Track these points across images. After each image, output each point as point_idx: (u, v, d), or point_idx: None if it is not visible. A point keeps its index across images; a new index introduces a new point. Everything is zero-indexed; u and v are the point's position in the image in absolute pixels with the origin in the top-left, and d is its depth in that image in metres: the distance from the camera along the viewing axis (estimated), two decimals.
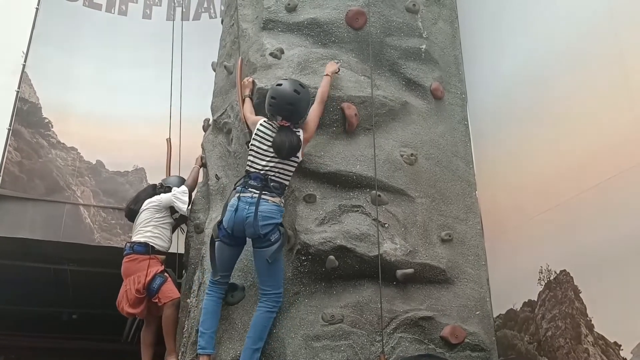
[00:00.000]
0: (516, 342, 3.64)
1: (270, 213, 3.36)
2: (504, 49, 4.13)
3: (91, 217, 6.60)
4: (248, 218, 3.33)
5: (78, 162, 6.74)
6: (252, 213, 3.32)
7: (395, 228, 3.71)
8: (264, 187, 3.39)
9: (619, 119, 3.01)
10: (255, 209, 3.32)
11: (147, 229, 4.38)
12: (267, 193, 3.40)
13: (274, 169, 3.45)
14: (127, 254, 4.35)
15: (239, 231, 3.39)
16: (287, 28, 4.10)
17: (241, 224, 3.36)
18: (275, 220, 3.38)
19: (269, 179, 3.42)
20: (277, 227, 3.39)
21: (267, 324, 3.37)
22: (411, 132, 4.08)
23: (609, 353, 2.91)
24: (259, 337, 3.33)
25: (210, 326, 3.46)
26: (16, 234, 6.18)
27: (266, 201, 3.38)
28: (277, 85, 3.53)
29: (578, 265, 3.20)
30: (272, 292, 3.39)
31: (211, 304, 3.50)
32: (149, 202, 4.52)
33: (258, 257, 3.42)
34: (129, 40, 7.29)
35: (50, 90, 6.83)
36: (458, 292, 3.76)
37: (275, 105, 3.48)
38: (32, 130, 6.66)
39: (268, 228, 3.34)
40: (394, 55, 4.22)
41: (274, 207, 3.40)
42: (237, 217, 3.36)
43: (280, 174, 3.47)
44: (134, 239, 4.40)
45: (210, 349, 3.43)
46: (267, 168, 3.44)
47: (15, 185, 6.34)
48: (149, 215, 4.44)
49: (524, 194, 3.74)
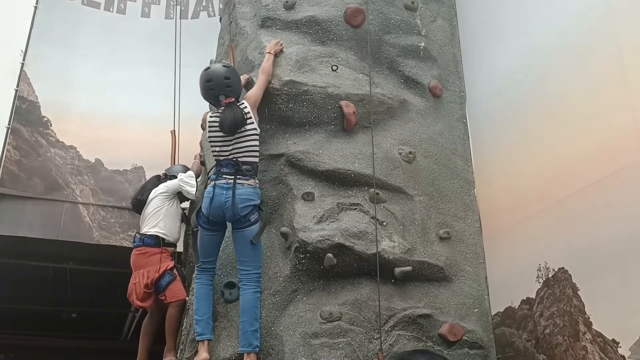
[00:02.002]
0: (514, 340, 3.64)
1: (248, 195, 3.45)
2: (502, 47, 4.13)
3: (90, 216, 6.61)
4: (227, 203, 3.42)
5: (77, 160, 6.75)
6: (230, 197, 3.41)
7: (394, 226, 3.71)
8: (237, 172, 3.49)
9: (617, 117, 3.01)
10: (233, 193, 3.42)
11: (157, 219, 4.32)
12: (242, 177, 3.49)
13: (240, 151, 3.53)
14: (136, 245, 4.30)
15: (217, 217, 3.48)
16: (285, 26, 4.10)
17: (219, 209, 3.45)
18: (253, 202, 3.47)
19: (239, 163, 3.51)
20: (255, 208, 3.47)
21: (257, 304, 3.40)
22: (410, 130, 4.08)
23: (607, 350, 2.91)
24: (254, 319, 3.36)
25: (204, 312, 3.50)
26: (15, 232, 6.20)
27: (242, 185, 3.47)
28: (205, 70, 3.63)
29: (576, 263, 3.20)
30: (253, 272, 3.43)
31: (201, 291, 3.55)
32: (156, 191, 4.45)
33: (239, 239, 3.48)
34: (128, 39, 7.30)
35: (49, 88, 6.85)
36: (456, 289, 3.76)
37: (214, 87, 3.57)
38: (31, 129, 6.67)
39: (247, 210, 3.43)
40: (393, 53, 4.21)
41: (250, 189, 3.49)
42: (214, 203, 3.45)
43: (247, 152, 3.54)
44: (143, 231, 4.34)
45: (208, 334, 3.47)
46: (234, 152, 3.53)
47: (14, 183, 6.35)
48: (159, 204, 4.37)
49: (522, 192, 3.74)
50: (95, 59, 7.10)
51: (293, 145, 3.80)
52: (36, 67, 6.85)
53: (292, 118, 3.84)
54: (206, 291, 3.55)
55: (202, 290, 3.55)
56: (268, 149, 3.84)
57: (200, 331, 3.47)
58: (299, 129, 3.85)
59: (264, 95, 3.78)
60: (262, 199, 3.64)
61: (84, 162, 6.78)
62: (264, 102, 3.81)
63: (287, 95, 3.80)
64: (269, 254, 3.67)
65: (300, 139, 3.82)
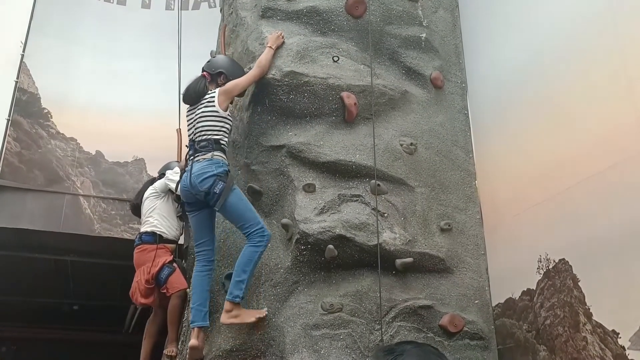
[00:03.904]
0: (515, 331, 3.65)
1: (201, 170, 3.47)
2: (504, 38, 4.11)
3: (91, 208, 6.61)
4: (191, 184, 3.48)
5: (77, 152, 6.75)
6: (189, 178, 3.49)
7: (395, 217, 3.71)
8: (195, 152, 3.56)
9: (618, 108, 3.00)
10: (189, 173, 3.49)
11: (152, 218, 4.40)
12: (199, 154, 3.54)
13: (197, 130, 3.60)
14: (136, 244, 4.38)
15: (189, 197, 3.57)
16: (286, 16, 4.08)
17: (186, 191, 3.54)
18: (209, 173, 3.45)
19: (196, 142, 3.58)
20: (215, 178, 3.45)
21: (252, 257, 3.38)
22: (411, 122, 4.06)
23: (607, 341, 2.92)
24: (242, 270, 3.36)
25: (195, 300, 3.54)
26: (16, 224, 6.20)
27: (198, 162, 3.52)
28: None
29: (577, 254, 3.20)
30: (254, 228, 3.42)
31: (195, 278, 3.61)
32: (148, 192, 4.56)
33: (222, 212, 3.55)
34: (128, 30, 7.27)
35: (49, 80, 6.83)
36: (457, 281, 3.77)
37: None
38: (31, 121, 6.66)
39: (207, 183, 3.43)
40: (394, 44, 4.19)
41: (205, 162, 3.50)
42: (182, 185, 3.59)
43: (204, 131, 3.58)
44: (141, 230, 4.43)
45: (199, 322, 3.48)
46: (194, 132, 3.63)
47: (15, 175, 6.35)
48: (151, 204, 4.46)
49: (524, 183, 3.73)
50: (96, 50, 7.07)
51: (294, 137, 3.79)
52: (36, 58, 6.82)
53: (293, 109, 3.83)
54: (199, 278, 3.58)
55: (196, 277, 3.60)
56: (269, 140, 3.84)
57: (192, 319, 3.52)
58: (300, 120, 3.84)
59: (264, 87, 3.77)
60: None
61: (84, 154, 6.77)
62: (265, 93, 3.80)
63: (288, 86, 3.79)
64: (270, 246, 3.66)
65: (301, 131, 3.81)
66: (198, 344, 3.44)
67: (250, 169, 3.94)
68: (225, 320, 3.34)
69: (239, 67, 3.86)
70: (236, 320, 3.34)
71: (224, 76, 3.75)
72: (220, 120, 3.61)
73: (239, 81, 3.69)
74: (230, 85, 3.67)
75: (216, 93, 3.64)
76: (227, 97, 3.65)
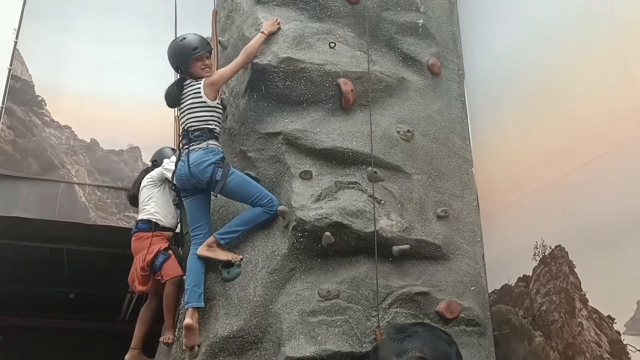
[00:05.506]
0: (511, 317, 3.67)
1: (198, 159, 3.56)
2: (501, 25, 4.09)
3: (86, 196, 6.58)
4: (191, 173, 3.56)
5: (72, 140, 6.69)
6: (186, 167, 3.57)
7: (392, 204, 3.70)
8: (189, 141, 3.63)
9: (614, 95, 3.00)
10: (187, 163, 3.56)
11: (148, 206, 4.40)
12: (193, 144, 3.61)
13: (189, 121, 3.67)
14: (133, 232, 4.39)
15: (185, 184, 3.68)
16: (282, 2, 4.03)
17: (183, 179, 3.63)
18: (208, 162, 3.56)
19: (190, 132, 3.65)
20: (214, 165, 3.56)
21: (256, 218, 3.60)
22: (408, 109, 4.05)
23: (602, 326, 2.94)
24: (243, 223, 3.61)
25: (190, 281, 3.61)
26: (10, 213, 6.16)
27: (194, 151, 3.59)
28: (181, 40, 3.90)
29: (573, 241, 3.21)
30: (265, 199, 3.59)
31: (191, 261, 3.66)
32: (145, 180, 4.54)
33: (228, 196, 3.69)
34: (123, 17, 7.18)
35: (43, 67, 6.75)
36: (453, 267, 3.78)
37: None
38: (25, 109, 6.59)
39: (207, 172, 3.54)
40: (391, 30, 4.17)
41: (201, 152, 3.59)
42: (178, 174, 3.67)
43: (196, 121, 3.65)
44: (138, 218, 4.45)
45: (193, 302, 3.54)
46: (185, 122, 3.70)
47: (9, 164, 6.29)
48: (148, 192, 4.45)
49: (520, 170, 3.74)
50: (90, 37, 6.98)
51: (290, 124, 3.77)
52: (30, 45, 6.73)
53: (289, 96, 3.80)
54: (195, 260, 3.63)
55: (192, 260, 3.65)
56: (265, 127, 3.82)
57: (186, 299, 3.58)
58: (296, 107, 3.81)
59: (260, 73, 3.74)
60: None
61: (79, 142, 6.72)
62: (261, 80, 3.77)
63: (284, 73, 3.76)
64: (266, 233, 3.66)
65: (297, 117, 3.79)
66: (192, 323, 3.47)
67: (246, 156, 3.92)
68: (201, 251, 3.58)
69: (180, 51, 3.82)
70: (210, 254, 3.58)
71: (184, 67, 3.80)
72: (210, 110, 3.68)
73: (223, 72, 3.74)
74: (216, 77, 3.71)
75: (201, 84, 3.68)
76: (214, 89, 3.71)
